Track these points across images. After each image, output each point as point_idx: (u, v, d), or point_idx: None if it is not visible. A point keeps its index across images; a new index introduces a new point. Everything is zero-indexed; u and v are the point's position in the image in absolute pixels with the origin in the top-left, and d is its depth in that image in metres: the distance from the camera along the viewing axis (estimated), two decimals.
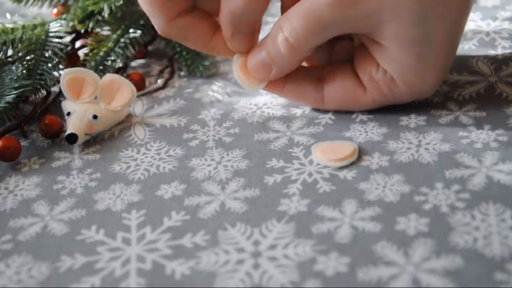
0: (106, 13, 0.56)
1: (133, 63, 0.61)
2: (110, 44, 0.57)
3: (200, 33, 0.47)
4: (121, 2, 0.57)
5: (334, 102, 0.48)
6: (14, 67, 0.53)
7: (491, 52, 0.54)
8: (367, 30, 0.43)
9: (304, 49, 0.44)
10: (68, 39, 0.59)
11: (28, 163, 0.49)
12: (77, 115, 0.50)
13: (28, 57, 0.54)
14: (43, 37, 0.56)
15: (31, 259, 0.40)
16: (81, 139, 0.49)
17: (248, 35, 0.46)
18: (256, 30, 0.47)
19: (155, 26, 0.48)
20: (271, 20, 0.66)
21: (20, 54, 0.54)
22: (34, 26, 0.57)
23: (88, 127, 0.49)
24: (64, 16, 0.59)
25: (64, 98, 0.52)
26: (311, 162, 0.45)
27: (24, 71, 0.53)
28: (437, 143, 0.44)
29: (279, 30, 0.44)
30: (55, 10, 0.62)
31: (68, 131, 0.49)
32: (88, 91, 0.50)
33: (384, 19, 0.42)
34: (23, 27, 0.56)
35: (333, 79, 0.47)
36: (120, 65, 0.58)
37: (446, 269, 0.35)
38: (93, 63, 0.56)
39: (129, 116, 0.53)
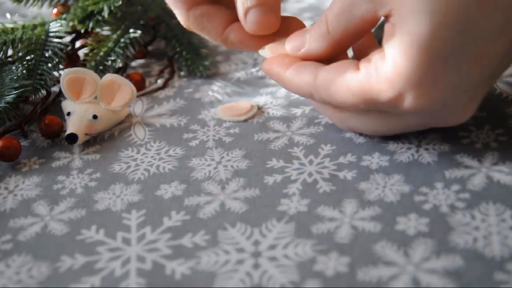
0: (105, 13, 0.56)
1: (133, 63, 0.61)
2: (110, 44, 0.57)
3: (215, 24, 0.47)
4: (120, 2, 0.57)
5: (323, 81, 0.42)
6: (14, 67, 0.53)
7: None
8: (384, 8, 0.40)
9: (335, 33, 0.42)
10: (68, 39, 0.59)
11: (28, 163, 0.49)
12: (77, 115, 0.50)
13: (28, 57, 0.54)
14: (43, 37, 0.56)
15: (31, 259, 0.40)
16: (81, 139, 0.49)
17: (265, 13, 0.45)
18: (274, 7, 0.45)
19: (178, 18, 0.48)
20: None
21: (20, 54, 0.54)
22: (34, 26, 0.57)
23: (88, 127, 0.49)
24: (64, 16, 0.59)
25: (64, 98, 0.52)
26: (311, 162, 0.45)
27: (24, 71, 0.53)
28: (437, 143, 0.44)
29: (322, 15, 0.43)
30: (55, 10, 0.62)
31: (68, 131, 0.49)
32: (88, 91, 0.50)
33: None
34: (23, 27, 0.56)
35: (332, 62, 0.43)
36: (120, 65, 0.58)
37: (446, 269, 0.35)
38: (93, 63, 0.56)
39: (129, 116, 0.53)
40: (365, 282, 0.35)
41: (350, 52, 0.46)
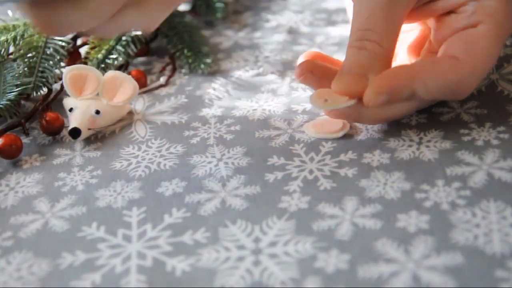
0: None
1: (135, 61, 0.61)
2: (112, 42, 0.57)
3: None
4: None
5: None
6: (15, 65, 0.53)
7: None
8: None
9: (388, 45, 0.43)
10: (69, 36, 0.59)
11: (29, 160, 0.49)
12: (79, 110, 0.50)
13: (29, 55, 0.54)
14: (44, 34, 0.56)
15: (32, 256, 0.40)
16: (84, 134, 0.49)
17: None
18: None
19: None
20: (272, 17, 0.66)
21: (21, 51, 0.55)
22: None
23: (91, 122, 0.49)
24: None
25: (66, 95, 0.52)
26: (312, 159, 0.45)
27: (26, 69, 0.53)
28: (438, 140, 0.44)
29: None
30: None
31: (71, 126, 0.49)
32: (90, 87, 0.51)
33: None
34: (25, 24, 0.56)
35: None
36: (122, 62, 0.58)
37: (447, 266, 0.35)
38: (94, 61, 0.56)
39: (130, 113, 0.53)
40: (365, 279, 0.35)
41: None
